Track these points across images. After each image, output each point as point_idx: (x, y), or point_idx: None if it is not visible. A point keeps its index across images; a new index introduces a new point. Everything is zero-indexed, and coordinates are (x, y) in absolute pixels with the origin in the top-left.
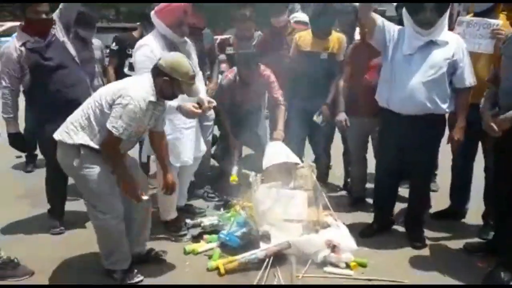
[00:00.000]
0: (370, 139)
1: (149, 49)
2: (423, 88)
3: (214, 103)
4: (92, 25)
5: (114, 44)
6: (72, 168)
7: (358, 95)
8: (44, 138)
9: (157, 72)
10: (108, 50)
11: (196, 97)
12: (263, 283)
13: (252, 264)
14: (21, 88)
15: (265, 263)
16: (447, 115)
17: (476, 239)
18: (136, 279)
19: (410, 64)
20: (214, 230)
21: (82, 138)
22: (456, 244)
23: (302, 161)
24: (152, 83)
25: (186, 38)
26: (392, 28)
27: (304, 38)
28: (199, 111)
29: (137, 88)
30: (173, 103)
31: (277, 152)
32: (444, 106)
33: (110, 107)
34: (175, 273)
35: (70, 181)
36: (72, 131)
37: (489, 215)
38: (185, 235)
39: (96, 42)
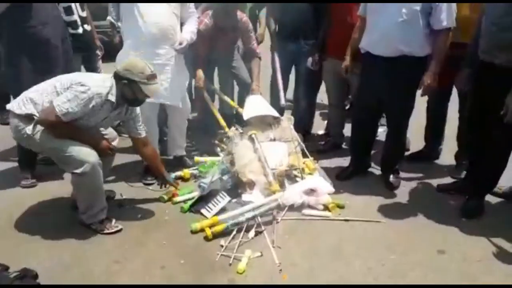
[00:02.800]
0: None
1: None
2: (397, 29)
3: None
4: None
5: None
6: (27, 136)
7: (336, 36)
8: (14, 79)
9: (117, 77)
10: None
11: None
12: (243, 230)
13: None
14: None
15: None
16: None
17: (448, 179)
18: (115, 228)
19: (385, 4)
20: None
21: (30, 109)
22: (430, 184)
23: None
24: (114, 85)
25: None
26: None
27: None
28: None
29: (99, 84)
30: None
31: (258, 105)
32: (419, 48)
33: (65, 90)
34: (154, 222)
35: None
36: (23, 102)
37: (462, 155)
38: (149, 184)
39: None
